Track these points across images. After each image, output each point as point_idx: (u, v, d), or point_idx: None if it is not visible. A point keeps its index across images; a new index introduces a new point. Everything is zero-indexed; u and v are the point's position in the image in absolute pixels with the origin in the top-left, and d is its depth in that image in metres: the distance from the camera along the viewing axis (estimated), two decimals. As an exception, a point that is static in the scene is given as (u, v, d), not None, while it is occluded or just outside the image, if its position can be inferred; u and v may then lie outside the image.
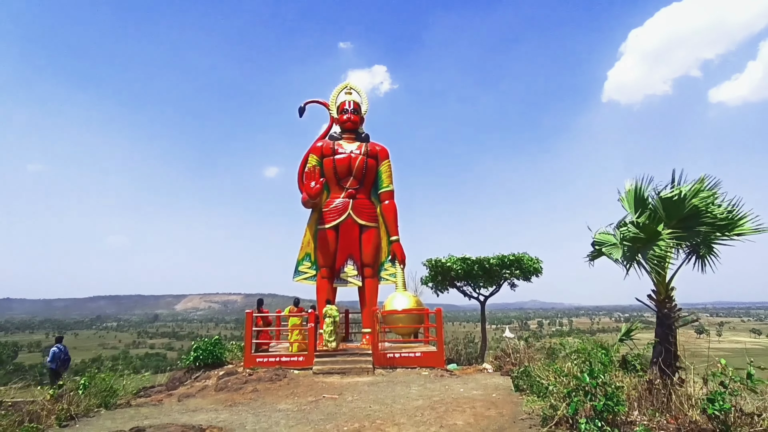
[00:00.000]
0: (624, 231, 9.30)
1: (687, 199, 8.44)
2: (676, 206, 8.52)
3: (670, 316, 8.69)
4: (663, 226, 8.50)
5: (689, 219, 8.55)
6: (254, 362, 12.19)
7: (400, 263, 15.28)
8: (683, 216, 8.52)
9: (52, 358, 12.38)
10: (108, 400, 8.52)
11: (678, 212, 8.53)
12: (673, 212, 8.58)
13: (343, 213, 15.05)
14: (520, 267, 14.92)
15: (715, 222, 8.38)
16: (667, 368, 8.04)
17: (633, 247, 9.02)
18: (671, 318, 8.68)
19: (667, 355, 8.31)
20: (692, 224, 8.58)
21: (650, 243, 8.44)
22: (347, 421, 6.60)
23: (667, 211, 8.62)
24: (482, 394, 8.28)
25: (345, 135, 15.90)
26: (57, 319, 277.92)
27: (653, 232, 8.55)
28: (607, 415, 5.32)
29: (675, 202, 8.53)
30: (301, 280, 15.21)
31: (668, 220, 8.60)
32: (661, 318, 8.81)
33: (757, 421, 4.88)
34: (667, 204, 8.63)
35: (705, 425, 5.11)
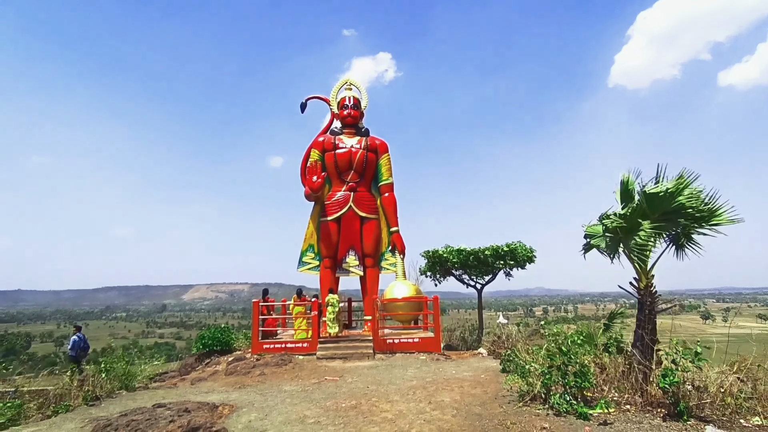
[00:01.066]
0: (607, 222, 9.89)
1: (673, 195, 8.95)
2: (660, 201, 9.03)
3: (650, 302, 9.26)
4: (645, 218, 9.07)
5: (670, 212, 9.08)
6: (261, 348, 12.89)
7: (400, 253, 15.86)
8: (664, 209, 9.04)
9: (72, 346, 13.21)
10: (128, 383, 9.24)
11: (660, 206, 9.04)
12: (656, 206, 9.09)
13: (344, 205, 15.61)
14: (514, 257, 15.48)
15: (693, 214, 8.90)
16: (647, 350, 8.62)
17: (616, 237, 9.62)
18: (651, 304, 9.25)
19: (647, 338, 8.90)
20: (672, 216, 9.11)
21: (632, 233, 9.03)
22: (346, 399, 7.26)
23: (650, 204, 9.14)
24: (472, 375, 8.93)
25: (345, 130, 16.39)
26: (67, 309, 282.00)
27: (635, 223, 9.13)
28: (576, 391, 5.93)
29: (660, 197, 9.04)
30: (305, 270, 15.86)
31: (651, 212, 9.14)
32: (642, 304, 9.38)
33: (704, 393, 5.49)
34: (650, 198, 9.15)
35: (662, 399, 5.72)
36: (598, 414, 5.72)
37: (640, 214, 9.19)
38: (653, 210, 9.11)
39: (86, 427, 6.02)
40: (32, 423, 6.57)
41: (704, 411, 5.64)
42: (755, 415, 5.85)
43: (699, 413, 5.59)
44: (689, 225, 9.30)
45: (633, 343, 9.48)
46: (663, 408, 5.70)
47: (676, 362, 5.57)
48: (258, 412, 6.74)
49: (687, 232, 9.47)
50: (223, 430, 5.82)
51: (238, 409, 6.98)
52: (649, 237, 8.93)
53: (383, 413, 6.35)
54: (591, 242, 10.34)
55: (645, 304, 9.43)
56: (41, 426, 6.28)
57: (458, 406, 6.51)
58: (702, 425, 5.19)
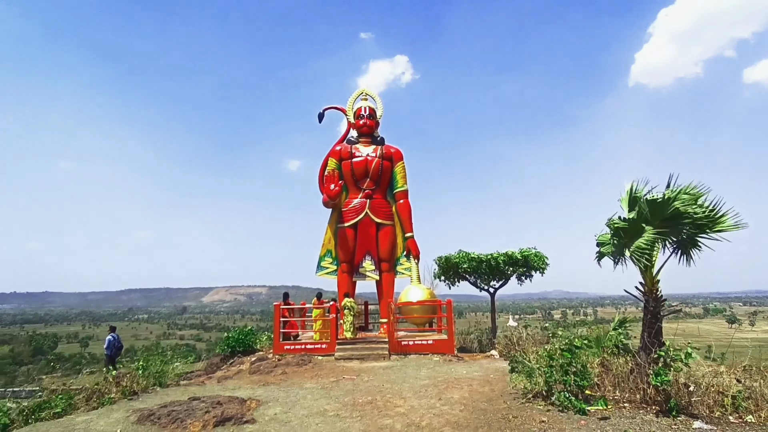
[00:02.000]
0: (612, 224, 10.35)
1: (669, 202, 9.37)
2: (660, 207, 9.46)
3: (655, 305, 9.65)
4: (648, 224, 9.50)
5: (671, 219, 9.48)
6: (282, 349, 13.56)
7: (414, 258, 16.40)
8: (666, 216, 9.44)
9: (108, 345, 14.14)
10: (161, 380, 9.98)
11: (661, 213, 9.46)
12: (657, 212, 9.52)
13: (361, 212, 16.25)
14: (527, 264, 15.87)
15: (695, 221, 9.29)
16: (649, 352, 9.00)
17: (620, 242, 10.05)
18: (655, 308, 9.63)
19: (653, 340, 9.27)
20: (673, 223, 9.52)
21: (635, 238, 9.46)
22: (362, 395, 7.85)
23: (652, 211, 9.58)
24: (482, 375, 9.42)
25: (361, 139, 17.04)
26: (91, 311, 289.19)
27: (638, 228, 9.57)
28: (576, 389, 6.40)
29: (658, 204, 9.48)
30: (323, 275, 16.54)
31: (653, 219, 9.56)
32: (648, 307, 9.79)
33: (696, 392, 5.90)
34: (652, 205, 9.59)
35: (656, 397, 6.16)
36: (595, 410, 6.17)
37: (643, 219, 9.63)
38: (654, 216, 9.54)
39: (131, 416, 6.74)
40: (82, 413, 7.32)
41: (696, 409, 6.04)
42: (750, 413, 6.24)
43: (692, 411, 6.00)
44: (693, 231, 9.70)
45: (640, 345, 9.90)
46: (657, 405, 6.13)
47: (667, 363, 5.99)
48: (282, 406, 7.38)
49: (692, 238, 9.86)
50: (252, 420, 6.47)
51: (264, 403, 7.62)
52: (651, 242, 9.36)
53: (397, 408, 6.92)
54: (601, 250, 10.84)
55: (649, 308, 9.84)
56: (91, 415, 7.03)
57: (466, 402, 7.04)
58: (691, 421, 5.62)
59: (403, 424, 6.05)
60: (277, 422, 6.49)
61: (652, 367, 8.12)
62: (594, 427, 5.48)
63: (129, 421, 6.58)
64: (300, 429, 6.11)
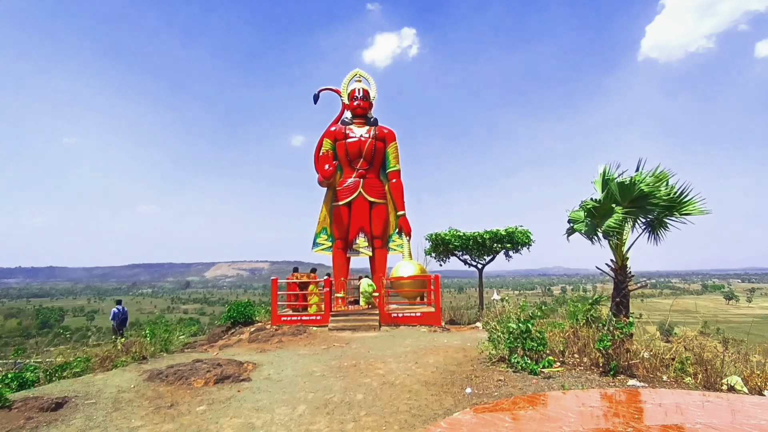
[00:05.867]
0: (585, 205, 11.11)
1: (636, 185, 10.09)
2: (628, 189, 10.18)
3: (624, 281, 10.45)
4: (618, 205, 10.24)
5: (638, 200, 10.21)
6: (279, 321, 14.51)
7: (406, 235, 17.20)
8: (633, 197, 10.17)
9: (113, 316, 15.16)
10: (167, 347, 10.91)
11: (629, 194, 10.18)
12: (625, 194, 10.24)
13: (354, 191, 16.96)
14: (512, 240, 16.65)
15: (659, 203, 10.02)
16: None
17: (593, 222, 10.82)
18: (625, 283, 10.44)
19: (621, 313, 10.09)
20: (641, 204, 10.26)
21: (606, 218, 10.22)
22: (348, 360, 8.75)
23: (621, 192, 10.30)
24: (460, 343, 10.31)
25: (355, 120, 17.60)
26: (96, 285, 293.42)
27: (608, 208, 10.32)
28: (534, 354, 7.24)
29: (626, 186, 10.20)
30: (318, 251, 17.38)
31: (622, 200, 10.29)
32: (617, 283, 10.60)
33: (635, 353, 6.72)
34: (621, 187, 10.32)
35: (599, 360, 7.00)
36: (548, 371, 7.02)
37: (613, 200, 10.38)
38: (623, 197, 10.28)
39: (142, 375, 7.64)
40: (99, 372, 8.23)
41: (637, 370, 6.89)
42: (690, 376, 7.09)
43: (633, 372, 6.84)
44: (661, 212, 10.45)
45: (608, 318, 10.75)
46: (602, 368, 6.97)
47: (611, 331, 6.81)
48: (275, 368, 8.29)
49: (660, 219, 10.63)
50: (248, 378, 7.38)
51: (260, 366, 8.52)
52: (620, 222, 10.13)
53: (376, 370, 7.80)
54: (574, 227, 11.64)
55: (619, 284, 10.66)
56: (107, 375, 7.93)
57: (438, 365, 7.92)
58: (627, 380, 6.46)
59: (379, 383, 6.92)
60: (270, 381, 7.38)
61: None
62: (543, 384, 6.32)
63: (140, 379, 7.49)
64: (289, 386, 6.99)
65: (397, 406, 5.76)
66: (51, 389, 6.99)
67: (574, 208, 12.00)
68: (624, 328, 6.77)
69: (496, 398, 5.75)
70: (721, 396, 5.37)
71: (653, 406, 4.55)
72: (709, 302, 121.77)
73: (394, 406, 5.77)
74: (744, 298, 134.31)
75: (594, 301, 12.49)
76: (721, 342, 11.50)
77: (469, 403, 5.71)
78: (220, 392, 6.74)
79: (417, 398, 6.05)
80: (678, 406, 4.57)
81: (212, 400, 6.37)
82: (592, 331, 9.96)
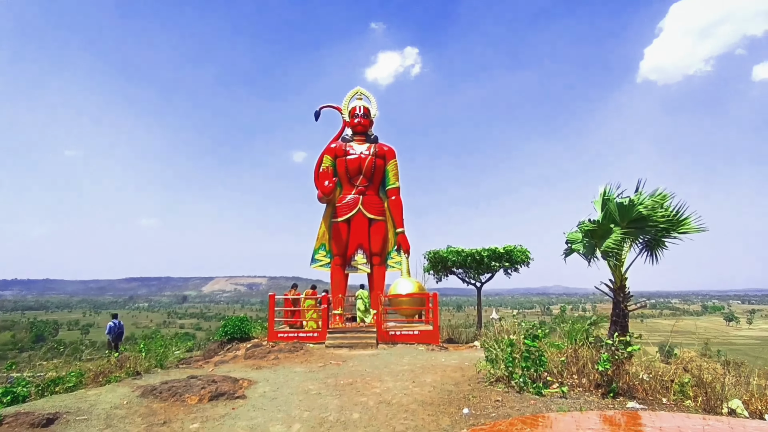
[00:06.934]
0: (584, 227, 11.15)
1: (634, 206, 10.15)
2: (627, 210, 10.24)
3: (623, 301, 10.42)
4: (616, 225, 10.28)
5: (637, 221, 10.25)
6: (276, 337, 14.38)
7: (405, 252, 17.17)
8: (632, 218, 10.21)
9: (108, 330, 15.01)
10: (162, 363, 10.78)
11: (628, 215, 10.23)
12: (624, 215, 10.29)
13: (354, 208, 16.99)
14: (510, 259, 16.62)
15: (658, 224, 10.06)
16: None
17: (591, 242, 10.85)
18: (624, 303, 10.41)
19: (620, 333, 10.03)
20: (640, 224, 10.30)
21: (604, 238, 10.24)
22: (345, 378, 8.64)
23: (620, 213, 10.35)
24: (457, 362, 10.21)
25: (356, 137, 17.74)
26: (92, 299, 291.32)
27: (607, 228, 10.36)
28: (533, 374, 7.17)
29: (626, 207, 10.26)
30: (317, 267, 17.32)
31: (621, 220, 10.33)
32: (616, 303, 10.56)
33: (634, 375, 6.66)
34: (620, 208, 10.37)
35: (601, 381, 6.93)
36: (547, 392, 6.94)
37: (612, 221, 10.42)
38: (622, 218, 10.33)
39: (136, 391, 7.54)
40: (92, 388, 8.12)
41: (637, 392, 6.82)
42: (690, 399, 7.01)
43: (633, 394, 6.77)
44: (659, 232, 10.49)
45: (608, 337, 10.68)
46: (602, 389, 6.90)
47: (612, 352, 6.76)
48: (271, 386, 8.19)
49: (658, 239, 10.65)
50: (243, 395, 7.27)
51: (255, 383, 8.42)
52: (619, 242, 10.14)
53: (373, 389, 7.71)
54: (572, 247, 11.68)
55: (618, 303, 10.62)
56: (100, 390, 7.83)
57: (436, 384, 7.83)
58: (627, 401, 6.39)
59: (375, 401, 6.84)
60: (265, 398, 7.29)
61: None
62: (541, 405, 6.24)
63: (134, 395, 7.38)
64: (284, 404, 6.90)
65: (393, 425, 5.69)
66: (42, 404, 6.90)
67: (572, 229, 12.04)
68: (624, 349, 6.72)
69: (493, 419, 5.67)
70: (721, 420, 5.30)
71: (653, 430, 4.50)
72: (709, 323, 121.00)
73: (390, 425, 5.69)
74: (744, 319, 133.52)
75: (593, 321, 12.45)
76: (721, 364, 11.42)
77: (466, 423, 5.64)
78: (214, 409, 6.65)
79: (414, 418, 5.97)
80: (679, 429, 4.52)
81: (206, 417, 6.28)
82: (592, 351, 9.89)
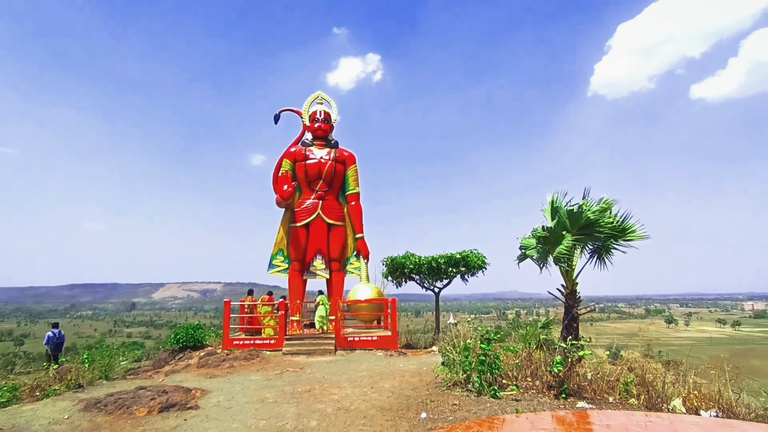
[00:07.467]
0: (536, 234, 11.57)
1: (583, 213, 10.63)
2: (577, 217, 10.69)
3: (574, 306, 10.85)
4: (567, 232, 10.71)
5: (586, 227, 10.73)
6: (231, 345, 13.97)
7: (364, 258, 17.16)
8: (581, 225, 10.67)
9: (47, 341, 14.09)
10: (107, 374, 10.22)
11: (578, 222, 10.69)
12: (574, 222, 10.74)
13: (313, 213, 16.84)
14: (467, 264, 16.96)
15: (604, 231, 10.57)
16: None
17: (544, 248, 11.25)
18: (575, 307, 10.84)
19: (571, 337, 10.42)
20: (589, 231, 10.78)
21: (557, 245, 10.64)
22: (302, 385, 8.51)
23: (571, 220, 10.79)
24: (416, 368, 10.29)
25: (316, 142, 17.62)
26: (29, 307, 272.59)
27: (558, 235, 10.78)
28: (489, 377, 7.33)
29: (575, 214, 10.71)
30: (274, 272, 17.02)
31: (571, 227, 10.78)
32: (567, 307, 10.99)
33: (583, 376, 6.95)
34: (570, 215, 10.82)
35: (553, 383, 7.18)
36: (503, 395, 7.11)
37: (563, 228, 10.85)
38: (573, 224, 10.78)
39: (78, 405, 7.09)
40: (28, 403, 7.57)
41: (586, 392, 7.11)
42: (633, 397, 7.37)
43: (583, 394, 7.05)
44: (606, 239, 11.01)
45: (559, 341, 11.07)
46: (554, 390, 7.14)
47: (565, 354, 7.02)
48: (226, 395, 7.93)
49: (606, 245, 11.19)
50: (196, 406, 7.00)
51: (209, 392, 8.14)
52: (569, 248, 10.58)
53: (332, 395, 7.63)
54: (525, 253, 12.06)
55: (569, 308, 11.05)
56: (37, 405, 7.31)
57: (394, 390, 7.86)
58: (577, 401, 6.65)
59: (333, 408, 6.77)
60: (219, 408, 7.05)
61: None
62: (497, 408, 6.39)
63: (75, 409, 6.95)
64: (239, 413, 6.70)
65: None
66: (-29, 422, 6.38)
67: (526, 235, 12.46)
68: (576, 352, 6.99)
69: (451, 422, 5.75)
70: (661, 416, 5.61)
71: (601, 427, 4.70)
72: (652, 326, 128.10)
73: (348, 432, 5.65)
74: (682, 321, 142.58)
75: (544, 324, 12.90)
76: (662, 364, 12.08)
77: (424, 428, 5.68)
78: (164, 422, 6.37)
79: (372, 424, 5.95)
80: (624, 426, 4.74)
81: (156, 429, 6.00)
82: (545, 354, 10.21)
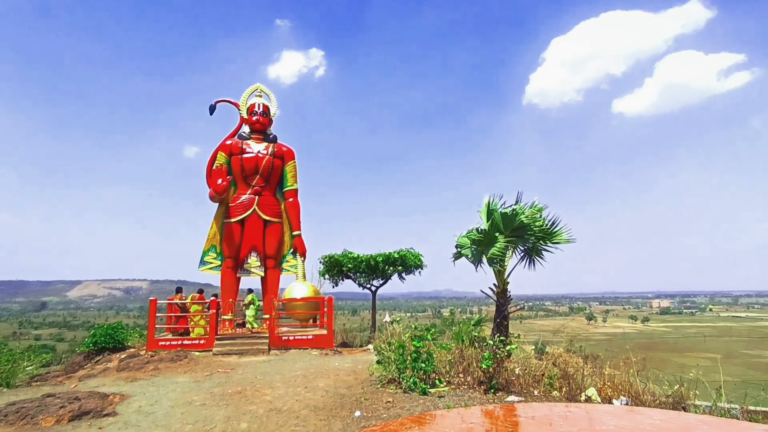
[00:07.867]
0: (471, 235, 11.93)
1: (516, 216, 11.10)
2: (510, 220, 11.14)
3: (505, 304, 11.30)
4: (501, 234, 11.14)
5: (519, 230, 11.22)
6: (157, 345, 13.14)
7: (301, 256, 16.84)
8: (514, 227, 11.14)
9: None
10: (8, 381, 9.21)
11: (511, 224, 11.14)
12: (508, 224, 11.19)
13: (248, 208, 16.26)
14: (404, 263, 17.20)
15: (536, 233, 11.12)
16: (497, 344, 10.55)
17: (479, 249, 11.63)
18: (505, 306, 11.29)
19: (501, 334, 10.84)
20: (521, 233, 11.28)
21: (491, 246, 11.04)
22: (233, 387, 8.18)
23: (504, 222, 11.23)
24: (351, 366, 10.26)
25: (253, 135, 17.01)
26: None
27: (492, 237, 11.17)
28: (423, 375, 7.45)
29: (508, 216, 11.16)
30: (206, 269, 16.23)
31: (505, 229, 11.22)
32: (499, 306, 11.43)
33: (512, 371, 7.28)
34: (504, 217, 11.26)
35: (483, 378, 7.44)
36: (435, 391, 7.28)
37: (497, 229, 11.28)
38: (506, 226, 11.22)
39: (-29, 416, 6.32)
40: None
41: (515, 387, 7.45)
42: (556, 390, 7.80)
43: (511, 388, 7.38)
44: (536, 241, 11.58)
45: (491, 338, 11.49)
46: (484, 385, 7.41)
47: (494, 351, 7.30)
48: (149, 399, 7.44)
49: (536, 247, 11.75)
50: (113, 413, 6.48)
51: (130, 397, 7.59)
52: (503, 249, 11.01)
53: (264, 396, 7.40)
54: (461, 251, 12.40)
55: (500, 306, 11.49)
56: None
57: (329, 389, 7.77)
58: (506, 395, 6.94)
59: (265, 410, 6.57)
60: (141, 414, 6.59)
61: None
62: (430, 404, 6.51)
63: (-31, 421, 6.20)
64: (163, 418, 6.31)
65: (283, 434, 5.50)
66: None
67: (462, 233, 12.84)
68: (505, 348, 7.29)
69: (384, 420, 5.77)
70: (579, 406, 5.98)
71: (526, 419, 4.90)
72: (575, 323, 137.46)
73: (280, 434, 5.50)
74: (601, 318, 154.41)
75: (476, 322, 13.34)
76: (582, 358, 12.93)
77: (357, 426, 5.66)
78: (75, 431, 5.85)
79: (305, 424, 5.84)
80: (547, 417, 4.98)
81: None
82: (476, 351, 10.56)
